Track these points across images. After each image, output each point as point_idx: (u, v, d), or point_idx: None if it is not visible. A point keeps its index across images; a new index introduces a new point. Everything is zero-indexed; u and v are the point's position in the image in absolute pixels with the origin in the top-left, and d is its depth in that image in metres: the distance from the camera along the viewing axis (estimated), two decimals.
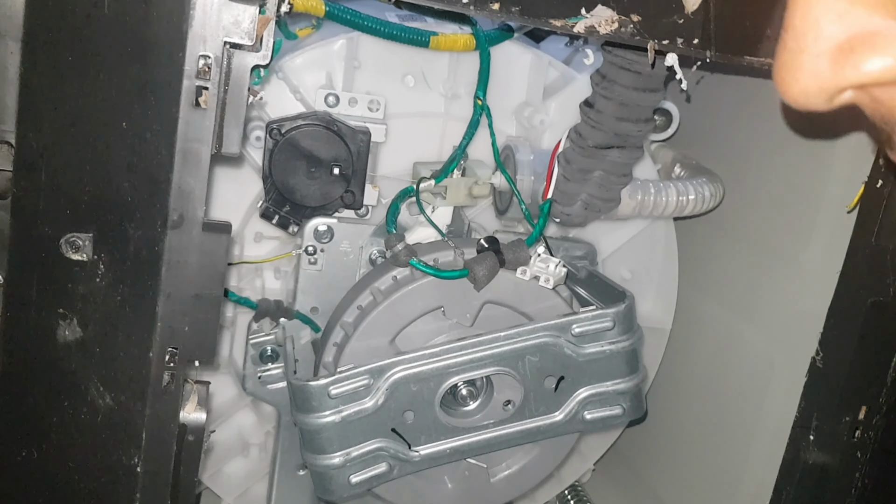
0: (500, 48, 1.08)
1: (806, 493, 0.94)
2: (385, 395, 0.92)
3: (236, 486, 1.19)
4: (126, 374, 0.70)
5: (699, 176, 1.12)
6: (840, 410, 0.90)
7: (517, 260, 0.97)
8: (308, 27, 1.09)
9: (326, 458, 0.94)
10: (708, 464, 1.16)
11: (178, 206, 0.66)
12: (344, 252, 1.08)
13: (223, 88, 0.66)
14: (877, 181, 0.86)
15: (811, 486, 0.93)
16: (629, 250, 1.18)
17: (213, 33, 0.64)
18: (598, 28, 0.71)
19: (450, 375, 0.94)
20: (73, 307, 0.69)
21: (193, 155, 0.66)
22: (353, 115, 1.04)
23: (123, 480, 0.72)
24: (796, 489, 0.94)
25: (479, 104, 1.05)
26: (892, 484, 0.91)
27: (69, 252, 0.67)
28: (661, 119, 1.16)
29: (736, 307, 1.13)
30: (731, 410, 1.11)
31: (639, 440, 1.30)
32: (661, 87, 0.95)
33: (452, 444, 0.98)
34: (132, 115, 0.65)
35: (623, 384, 0.97)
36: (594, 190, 1.01)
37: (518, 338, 0.94)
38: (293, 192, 1.00)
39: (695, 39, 0.74)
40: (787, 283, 1.03)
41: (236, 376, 1.13)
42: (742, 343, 1.11)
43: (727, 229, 1.16)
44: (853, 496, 0.90)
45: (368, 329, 0.97)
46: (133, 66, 0.64)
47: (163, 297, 0.68)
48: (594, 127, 0.97)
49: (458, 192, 1.04)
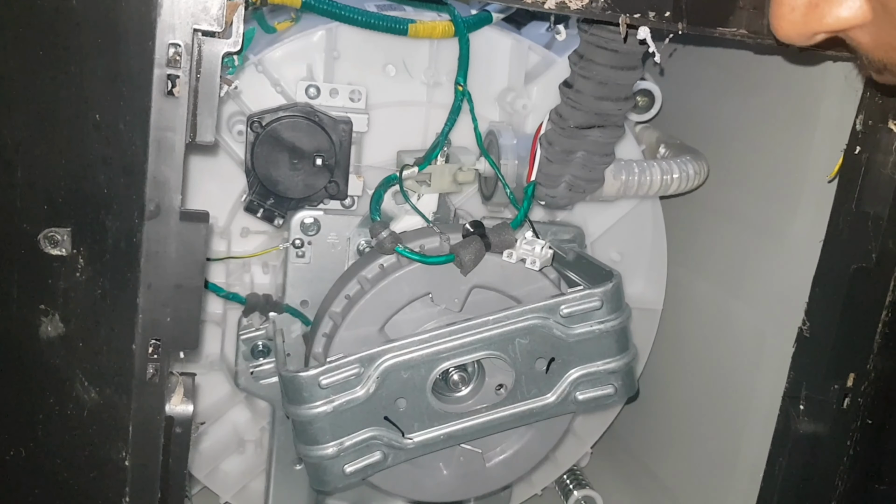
0: (481, 34, 1.08)
1: (799, 462, 0.94)
2: (376, 383, 0.92)
3: (233, 483, 1.19)
4: (110, 367, 0.70)
5: (683, 154, 1.12)
6: (828, 379, 0.90)
7: (503, 243, 0.97)
8: (287, 20, 1.09)
9: (320, 449, 0.94)
10: (705, 441, 1.16)
11: (155, 196, 0.66)
12: (332, 244, 1.08)
13: (195, 76, 0.66)
14: (854, 148, 0.86)
15: (803, 456, 0.93)
16: (617, 232, 1.18)
17: (182, 21, 0.64)
18: (569, 4, 0.71)
19: (440, 361, 0.94)
20: (55, 302, 0.69)
21: (167, 144, 0.66)
22: (334, 105, 1.04)
23: (112, 475, 0.72)
24: (789, 459, 0.94)
25: (460, 90, 1.05)
26: (882, 450, 0.91)
27: (48, 247, 0.67)
28: (644, 100, 1.16)
29: (725, 284, 1.13)
30: (725, 386, 1.11)
31: (635, 421, 1.31)
32: (638, 65, 0.95)
33: (446, 430, 0.98)
34: (105, 107, 0.65)
35: (613, 363, 0.97)
36: (577, 171, 1.01)
37: (507, 321, 0.94)
38: (276, 184, 1.00)
39: (666, 12, 0.74)
40: (774, 257, 1.03)
41: (229, 373, 1.13)
42: (732, 319, 1.11)
43: (713, 207, 1.17)
44: (845, 463, 0.90)
45: (357, 318, 0.97)
46: (104, 57, 0.64)
47: (143, 288, 0.68)
48: (574, 107, 0.97)
49: (442, 178, 1.04)
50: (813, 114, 0.98)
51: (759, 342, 1.04)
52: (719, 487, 1.11)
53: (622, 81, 0.95)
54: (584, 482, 1.27)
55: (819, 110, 0.97)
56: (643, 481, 1.27)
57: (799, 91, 1.00)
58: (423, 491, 1.05)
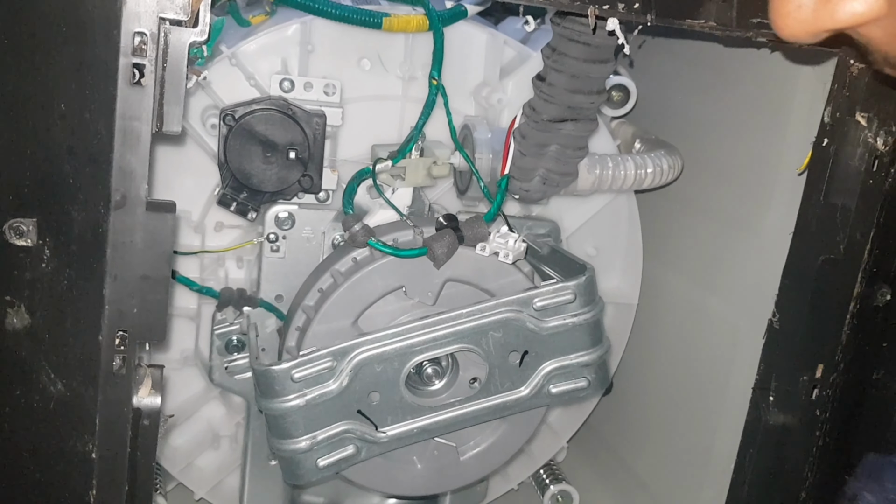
0: (456, 29, 1.08)
1: (768, 453, 0.94)
2: (349, 376, 0.92)
3: (208, 479, 1.19)
4: (76, 359, 0.69)
5: (658, 149, 1.12)
6: (797, 370, 0.91)
7: (476, 236, 0.97)
8: (262, 14, 1.09)
9: (293, 443, 0.93)
10: (679, 434, 1.16)
11: (121, 186, 0.66)
12: (306, 238, 1.08)
13: (161, 66, 0.65)
14: (822, 140, 0.87)
15: (773, 447, 0.94)
16: (593, 226, 1.18)
17: (147, 10, 0.64)
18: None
19: (414, 354, 0.94)
20: (20, 294, 0.68)
21: (133, 134, 0.65)
22: (308, 99, 1.04)
23: (79, 467, 0.71)
24: (759, 450, 0.94)
25: (434, 84, 1.05)
26: (850, 441, 0.92)
27: (13, 238, 0.67)
28: (620, 95, 1.16)
29: (699, 277, 1.14)
30: (700, 379, 1.12)
31: (611, 416, 1.31)
32: (611, 58, 0.95)
33: (419, 424, 0.98)
34: (70, 96, 0.64)
35: (587, 356, 0.97)
36: (551, 164, 1.01)
37: (480, 314, 0.94)
38: (249, 177, 1.00)
39: (635, 4, 0.74)
40: (747, 250, 1.04)
41: (203, 368, 1.13)
42: (706, 312, 1.11)
43: (687, 201, 1.17)
44: (814, 454, 0.90)
45: (330, 311, 0.97)
46: (69, 45, 0.64)
47: (109, 279, 0.68)
48: (547, 100, 0.97)
49: (416, 172, 1.04)
50: (785, 108, 0.99)
51: (733, 335, 1.05)
52: (693, 479, 1.12)
53: (594, 75, 0.96)
54: (560, 477, 1.28)
55: (791, 104, 0.98)
56: (619, 475, 1.28)
57: (771, 85, 1.01)
58: (398, 485, 1.05)
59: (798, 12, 0.48)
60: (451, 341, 0.94)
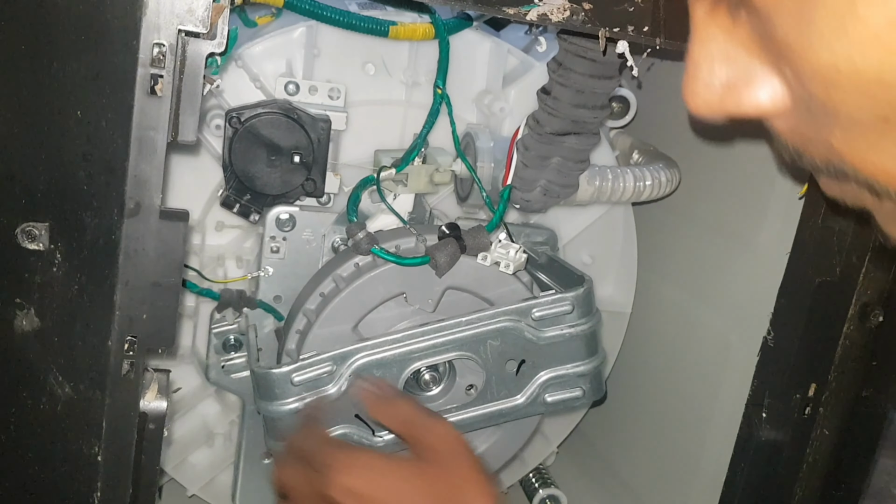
0: (460, 37, 1.09)
1: (759, 468, 0.96)
2: (348, 381, 0.93)
3: (201, 476, 1.19)
4: (85, 363, 0.70)
5: (656, 161, 1.14)
6: (790, 388, 0.93)
7: (478, 246, 0.98)
8: (267, 15, 1.09)
9: None
10: (668, 444, 1.18)
11: (135, 195, 0.67)
12: (306, 240, 1.09)
13: (178, 76, 0.66)
14: None
15: (764, 462, 0.96)
16: (589, 235, 1.20)
17: (167, 21, 0.64)
18: (550, 16, 0.72)
19: (412, 361, 0.95)
20: (31, 297, 0.68)
21: (149, 143, 0.66)
22: (313, 103, 1.04)
23: (84, 469, 0.72)
24: (750, 465, 0.96)
25: (439, 93, 1.05)
26: (840, 458, 0.94)
27: (25, 242, 0.67)
28: (619, 106, 1.18)
29: (693, 290, 1.15)
30: (691, 390, 1.13)
31: (602, 423, 1.33)
32: (615, 75, 0.96)
33: None
34: (87, 104, 0.65)
35: (583, 367, 0.99)
36: (553, 176, 1.02)
37: (479, 322, 0.95)
38: (253, 180, 1.00)
39: (645, 27, 0.76)
40: (742, 266, 1.06)
41: (199, 366, 1.13)
42: (699, 325, 1.13)
43: (684, 214, 1.19)
44: (804, 471, 0.92)
45: (331, 316, 0.98)
46: (87, 54, 0.64)
47: (121, 285, 0.68)
48: (551, 114, 0.98)
49: (419, 179, 1.05)
50: None
51: (725, 349, 1.07)
52: (682, 489, 1.14)
53: (599, 90, 0.97)
54: (549, 481, 1.29)
55: None
56: (608, 481, 1.29)
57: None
58: None
59: (706, 92, 0.46)
60: (450, 349, 0.95)
